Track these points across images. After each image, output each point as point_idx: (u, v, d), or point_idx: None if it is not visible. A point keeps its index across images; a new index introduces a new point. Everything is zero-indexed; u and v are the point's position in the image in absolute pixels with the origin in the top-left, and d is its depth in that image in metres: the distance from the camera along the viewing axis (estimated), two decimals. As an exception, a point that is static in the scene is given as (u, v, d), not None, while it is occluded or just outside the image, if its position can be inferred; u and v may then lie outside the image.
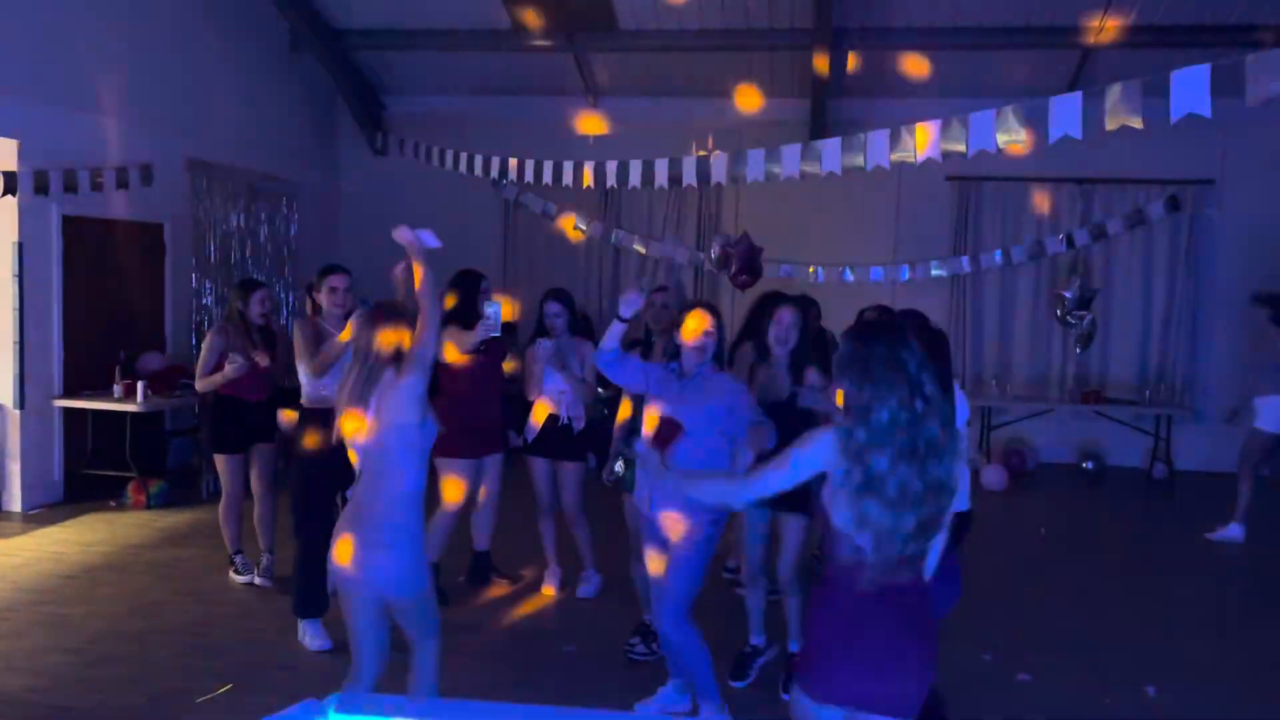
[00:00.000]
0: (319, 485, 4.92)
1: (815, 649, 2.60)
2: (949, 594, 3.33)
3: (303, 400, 5.12)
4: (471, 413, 5.43)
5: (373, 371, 3.37)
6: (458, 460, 5.45)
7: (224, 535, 5.87)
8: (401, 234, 3.91)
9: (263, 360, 5.64)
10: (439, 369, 5.49)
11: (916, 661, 2.54)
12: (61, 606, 5.39)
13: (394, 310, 3.50)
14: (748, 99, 9.16)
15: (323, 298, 5.19)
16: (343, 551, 3.29)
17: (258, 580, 5.75)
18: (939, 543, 2.61)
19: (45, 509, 7.32)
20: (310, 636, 4.88)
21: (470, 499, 5.67)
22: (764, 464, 2.75)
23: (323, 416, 4.77)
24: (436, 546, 5.51)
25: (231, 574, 5.84)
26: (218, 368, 5.60)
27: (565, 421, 5.57)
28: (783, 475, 2.60)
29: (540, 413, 5.63)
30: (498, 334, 5.01)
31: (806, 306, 4.91)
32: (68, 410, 7.53)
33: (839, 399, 2.53)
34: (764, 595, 4.67)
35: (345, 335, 4.83)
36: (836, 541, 2.53)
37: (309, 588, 4.88)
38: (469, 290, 5.47)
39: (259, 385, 5.72)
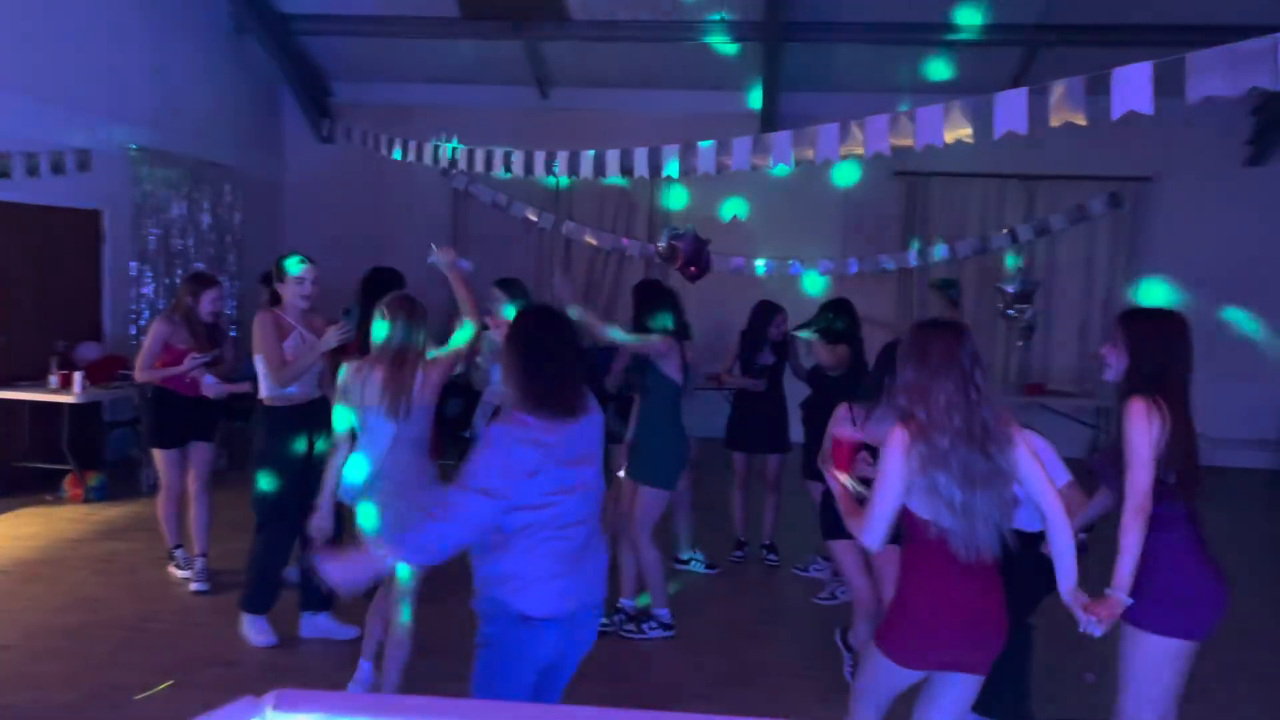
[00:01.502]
0: (284, 483, 4.78)
1: (902, 619, 2.86)
2: None
3: (262, 397, 4.84)
4: None
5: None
6: None
7: (163, 530, 5.76)
8: (445, 254, 4.43)
9: (228, 354, 5.66)
10: None
11: (995, 629, 2.83)
12: (-5, 602, 5.26)
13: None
14: (698, 91, 9.19)
15: (287, 289, 4.79)
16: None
17: (193, 586, 5.50)
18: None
19: (-22, 502, 7.14)
20: (256, 632, 4.79)
21: None
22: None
23: (286, 414, 4.79)
24: None
25: (171, 569, 5.73)
26: (173, 359, 5.44)
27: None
28: (884, 489, 2.79)
29: None
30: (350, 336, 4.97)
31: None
32: (2, 401, 7.32)
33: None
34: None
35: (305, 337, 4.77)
36: (915, 524, 2.80)
37: (262, 583, 4.80)
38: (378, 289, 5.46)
39: (198, 381, 5.57)
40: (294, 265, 4.80)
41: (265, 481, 4.81)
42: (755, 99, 9.76)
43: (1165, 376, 3.07)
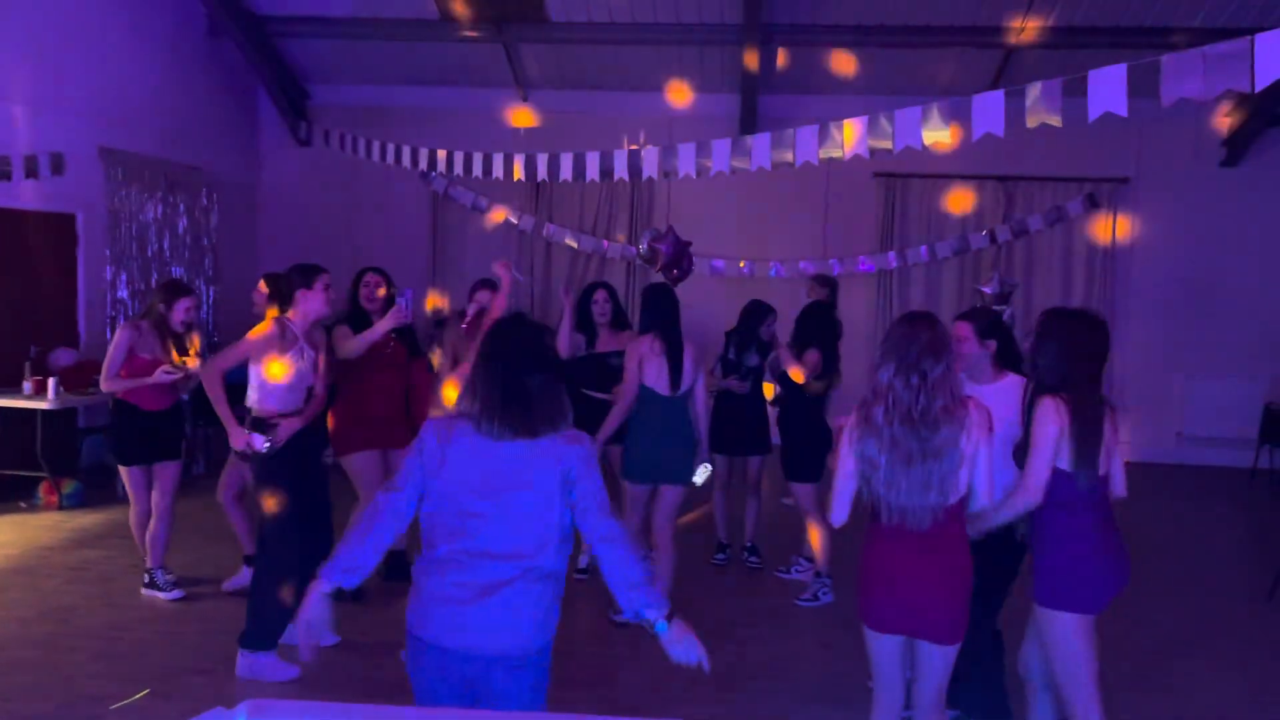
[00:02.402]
0: (291, 503, 4.47)
1: (860, 583, 3.15)
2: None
3: (250, 405, 4.55)
4: (373, 406, 5.36)
5: None
6: (356, 455, 5.36)
7: (140, 549, 5.52)
8: (503, 268, 4.57)
9: (192, 365, 5.38)
10: (341, 364, 5.41)
11: (949, 596, 3.04)
12: (-34, 612, 5.18)
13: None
14: (678, 94, 9.20)
15: (312, 300, 4.54)
16: None
17: (163, 597, 5.39)
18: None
19: (-50, 511, 7.04)
20: (269, 668, 4.42)
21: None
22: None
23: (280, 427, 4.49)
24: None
25: (145, 591, 5.43)
26: (146, 368, 5.25)
27: None
28: (839, 466, 3.12)
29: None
30: (408, 320, 5.02)
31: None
32: (-27, 408, 7.24)
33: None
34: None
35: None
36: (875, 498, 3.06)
37: (272, 616, 4.42)
38: (353, 285, 5.53)
39: (161, 394, 5.38)
40: (321, 274, 4.58)
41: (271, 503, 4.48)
42: (734, 101, 9.76)
43: (1072, 375, 3.22)
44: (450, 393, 5.47)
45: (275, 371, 4.47)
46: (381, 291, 5.47)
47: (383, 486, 2.75)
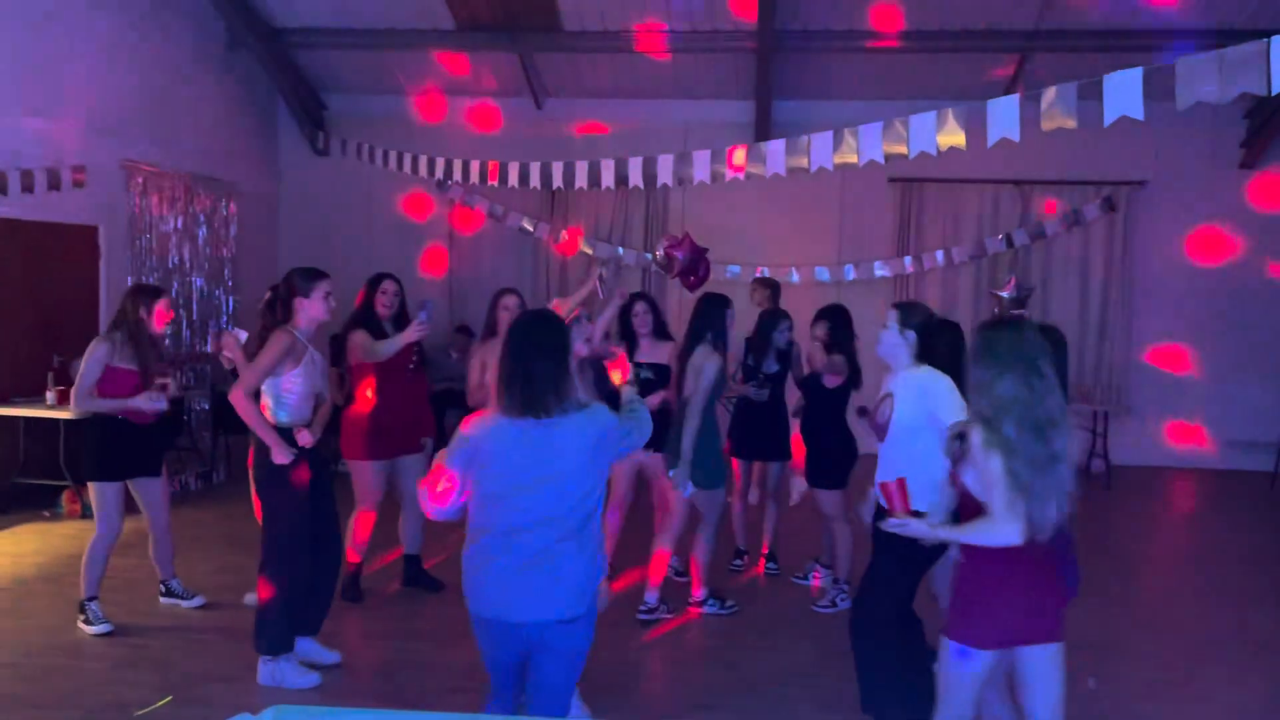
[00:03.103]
0: (300, 513, 4.46)
1: (971, 603, 3.00)
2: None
3: (268, 419, 4.47)
4: (383, 414, 5.40)
5: None
6: (365, 462, 5.42)
7: (85, 577, 5.07)
8: (596, 279, 4.76)
9: (169, 388, 5.12)
10: (354, 369, 5.44)
11: (1059, 601, 3.02)
12: (-7, 620, 5.24)
13: None
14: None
15: (311, 306, 4.45)
16: None
17: (184, 604, 5.38)
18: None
19: (-25, 519, 7.12)
20: (291, 674, 4.43)
21: (390, 502, 5.66)
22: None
23: (286, 437, 4.43)
24: (357, 548, 5.55)
25: (81, 624, 5.06)
26: (129, 381, 5.01)
27: None
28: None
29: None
30: (428, 333, 5.13)
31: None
32: (-2, 418, 7.32)
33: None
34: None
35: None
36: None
37: (281, 622, 4.44)
38: (369, 291, 5.51)
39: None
40: (318, 284, 4.48)
41: (279, 513, 4.47)
42: (748, 108, 9.77)
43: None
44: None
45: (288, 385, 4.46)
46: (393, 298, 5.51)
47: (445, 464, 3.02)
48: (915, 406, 3.70)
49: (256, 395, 4.42)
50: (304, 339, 4.46)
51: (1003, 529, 2.85)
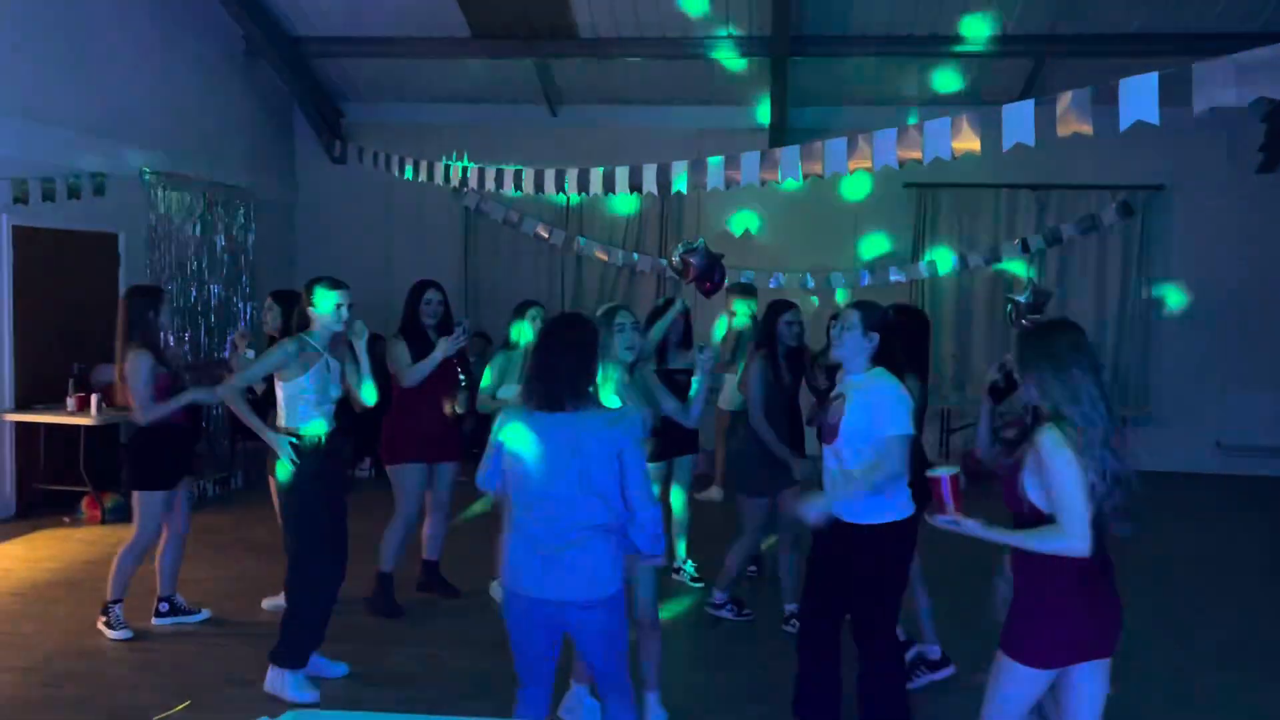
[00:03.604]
0: (321, 518, 4.45)
1: (1036, 619, 2.84)
2: None
3: (281, 427, 4.46)
4: (425, 419, 5.43)
5: None
6: (408, 465, 5.44)
7: (113, 581, 5.07)
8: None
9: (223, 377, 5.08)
10: (390, 377, 5.46)
11: (1118, 614, 2.90)
12: (13, 624, 5.28)
13: None
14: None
15: (321, 314, 4.45)
16: None
17: (190, 620, 5.28)
18: None
19: (-4, 525, 7.18)
20: (291, 687, 4.37)
21: (425, 508, 5.65)
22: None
23: (308, 446, 4.40)
24: (390, 557, 5.50)
25: (101, 625, 5.08)
26: (168, 386, 4.97)
27: None
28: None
29: None
30: (464, 346, 5.24)
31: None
32: (19, 424, 7.38)
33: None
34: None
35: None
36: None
37: (304, 634, 4.42)
38: (413, 301, 5.56)
39: (185, 410, 5.14)
40: (329, 294, 4.45)
41: (295, 525, 4.46)
42: (764, 114, 9.78)
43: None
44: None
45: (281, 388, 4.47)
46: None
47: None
48: (866, 414, 3.64)
49: (267, 399, 4.49)
50: (319, 346, 4.45)
51: (1075, 538, 2.71)
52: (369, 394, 4.73)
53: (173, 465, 5.11)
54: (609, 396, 3.73)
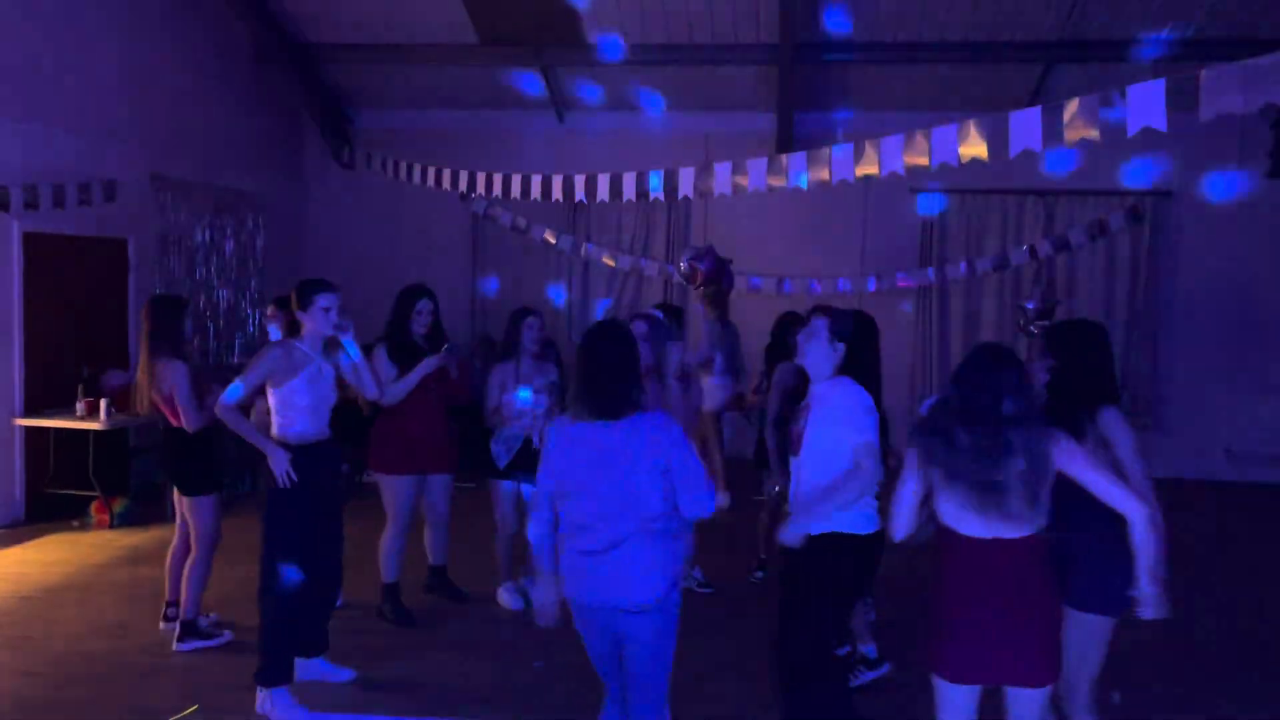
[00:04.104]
0: (298, 529, 4.32)
1: (938, 624, 2.97)
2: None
3: (276, 435, 4.37)
4: (414, 428, 5.33)
5: None
6: (397, 478, 5.35)
7: (188, 597, 5.03)
8: None
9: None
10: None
11: (1041, 636, 2.90)
12: (22, 628, 5.30)
13: None
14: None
15: (311, 319, 4.37)
16: None
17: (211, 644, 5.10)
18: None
19: (6, 529, 7.20)
20: (281, 708, 4.25)
21: (419, 518, 5.59)
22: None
23: (296, 454, 4.31)
24: (391, 567, 5.46)
25: (192, 640, 5.04)
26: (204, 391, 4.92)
27: (538, 445, 5.31)
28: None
29: None
30: (439, 367, 5.19)
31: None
32: (29, 429, 7.42)
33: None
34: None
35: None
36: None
37: (280, 647, 4.30)
38: (403, 307, 5.41)
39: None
40: (315, 296, 4.36)
41: (274, 533, 4.33)
42: (771, 120, 9.79)
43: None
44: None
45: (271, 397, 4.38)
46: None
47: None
48: (831, 425, 3.55)
49: (272, 410, 4.39)
50: (309, 350, 4.36)
51: (1143, 500, 2.90)
52: (375, 391, 4.73)
53: (218, 469, 5.16)
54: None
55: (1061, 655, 2.95)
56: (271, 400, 4.37)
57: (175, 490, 5.14)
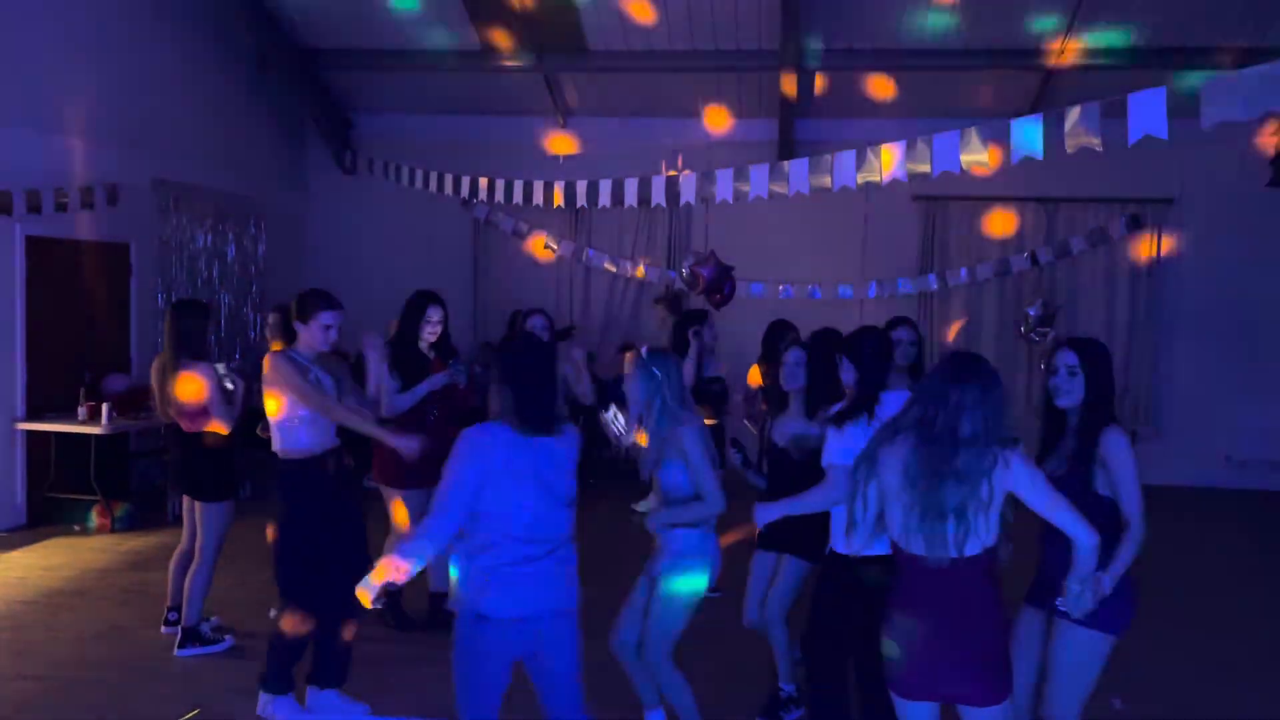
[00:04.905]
0: (309, 545, 4.26)
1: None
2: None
3: (276, 450, 4.33)
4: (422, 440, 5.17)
5: None
6: (398, 492, 5.19)
7: (190, 603, 5.00)
8: None
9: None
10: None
11: (986, 654, 2.86)
12: (23, 632, 5.30)
13: None
14: (716, 119, 9.27)
15: (310, 331, 4.30)
16: None
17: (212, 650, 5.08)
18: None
19: (7, 533, 7.20)
20: (281, 713, 4.22)
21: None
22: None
23: (304, 466, 4.28)
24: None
25: (193, 646, 5.02)
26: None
27: None
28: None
29: None
30: (447, 382, 5.13)
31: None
32: (30, 433, 7.42)
33: None
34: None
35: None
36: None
37: (283, 657, 4.26)
38: (412, 315, 5.29)
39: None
40: (318, 313, 4.30)
41: (287, 545, 4.28)
42: (772, 126, 9.80)
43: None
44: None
45: (272, 408, 4.29)
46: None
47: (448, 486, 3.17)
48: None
49: (272, 424, 4.36)
50: (304, 361, 4.28)
51: (1090, 529, 2.93)
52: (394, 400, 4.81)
53: (231, 475, 5.12)
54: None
55: (1010, 673, 2.90)
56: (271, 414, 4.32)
57: (187, 497, 5.12)
